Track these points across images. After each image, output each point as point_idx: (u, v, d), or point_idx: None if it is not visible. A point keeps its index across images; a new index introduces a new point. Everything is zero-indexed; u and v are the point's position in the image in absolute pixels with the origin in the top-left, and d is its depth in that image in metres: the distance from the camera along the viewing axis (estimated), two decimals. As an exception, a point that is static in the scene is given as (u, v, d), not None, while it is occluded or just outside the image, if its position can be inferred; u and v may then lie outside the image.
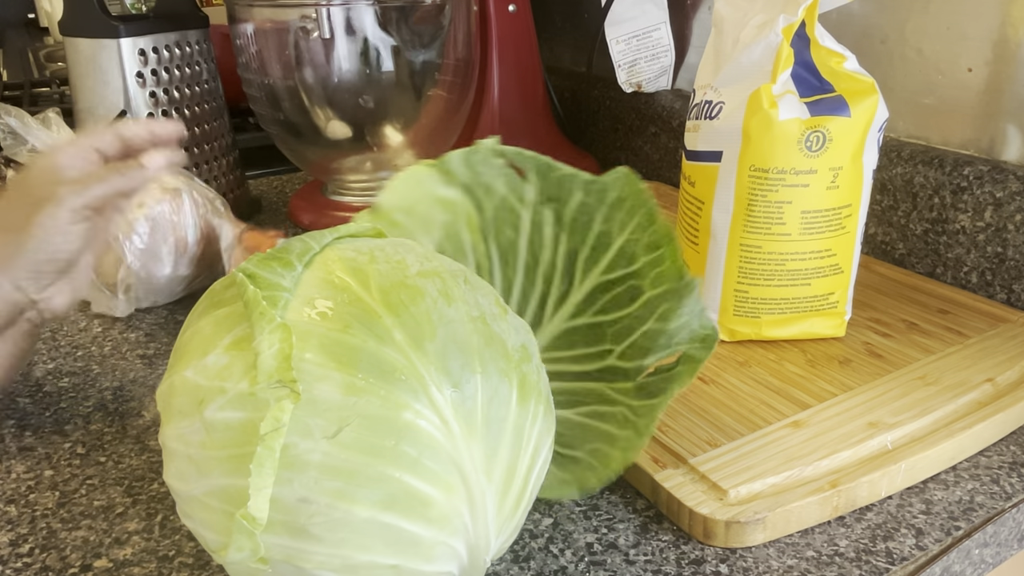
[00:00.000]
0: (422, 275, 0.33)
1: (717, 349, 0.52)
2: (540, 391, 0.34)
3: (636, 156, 0.91)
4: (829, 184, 0.48)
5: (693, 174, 0.52)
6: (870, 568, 0.37)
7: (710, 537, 0.38)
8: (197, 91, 0.76)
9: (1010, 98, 0.57)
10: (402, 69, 0.73)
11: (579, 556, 0.38)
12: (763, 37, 0.47)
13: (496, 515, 0.31)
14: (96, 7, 0.69)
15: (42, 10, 2.20)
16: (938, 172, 0.60)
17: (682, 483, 0.40)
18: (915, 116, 0.64)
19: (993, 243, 0.57)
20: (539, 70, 0.85)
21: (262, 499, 0.27)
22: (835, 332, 0.52)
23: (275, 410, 0.27)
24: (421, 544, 0.29)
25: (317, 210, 0.80)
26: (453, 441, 0.29)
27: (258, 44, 0.73)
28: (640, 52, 0.85)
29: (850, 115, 0.47)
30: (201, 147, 0.77)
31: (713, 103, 0.50)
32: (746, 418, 0.45)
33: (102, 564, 0.38)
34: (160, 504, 0.42)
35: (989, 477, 0.42)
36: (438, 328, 0.31)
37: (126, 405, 0.51)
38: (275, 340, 0.28)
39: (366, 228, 0.37)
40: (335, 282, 0.31)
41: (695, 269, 0.53)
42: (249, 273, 0.31)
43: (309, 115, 0.75)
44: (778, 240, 0.49)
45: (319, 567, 0.29)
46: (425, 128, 0.79)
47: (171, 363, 0.33)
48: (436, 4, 0.72)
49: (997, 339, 0.51)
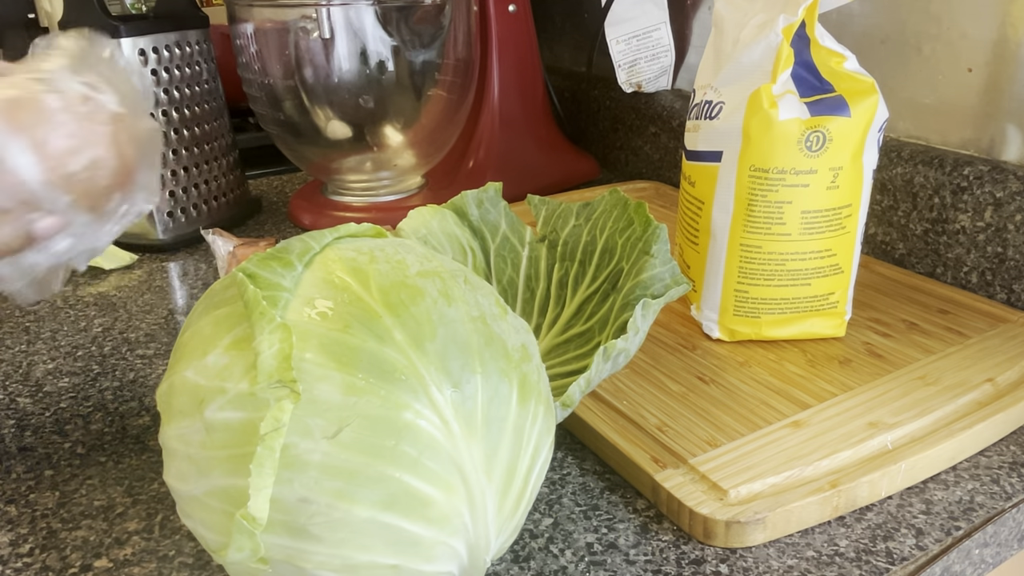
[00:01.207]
0: (422, 275, 0.33)
1: (717, 349, 0.52)
2: (540, 391, 0.34)
3: (636, 156, 0.91)
4: (829, 184, 0.48)
5: (693, 174, 0.52)
6: (870, 568, 0.37)
7: (710, 537, 0.38)
8: (197, 91, 0.76)
9: (1010, 98, 0.57)
10: (402, 69, 0.74)
11: (579, 556, 0.38)
12: (763, 37, 0.47)
13: (496, 515, 0.31)
14: (96, 7, 0.69)
15: (42, 10, 2.20)
16: (938, 172, 0.60)
17: (682, 483, 0.40)
18: (915, 116, 0.64)
19: (993, 243, 0.57)
20: (539, 70, 0.85)
21: (262, 499, 0.27)
22: (835, 332, 0.52)
23: (275, 410, 0.27)
24: (421, 544, 0.29)
25: (317, 210, 0.80)
26: (453, 441, 0.29)
27: (258, 44, 0.73)
28: (640, 52, 0.85)
29: (850, 115, 0.47)
30: (201, 147, 0.77)
31: (713, 103, 0.50)
32: (746, 418, 0.45)
33: (102, 564, 0.38)
34: (160, 504, 0.42)
35: (989, 477, 0.42)
36: (438, 328, 0.31)
37: (126, 405, 0.51)
38: (275, 340, 0.28)
39: (366, 228, 0.37)
40: (335, 282, 0.31)
41: (695, 269, 0.53)
42: (249, 273, 0.31)
43: (309, 115, 0.75)
44: (778, 240, 0.49)
45: (319, 567, 0.29)
46: (425, 128, 0.79)
47: (171, 363, 0.33)
48: (436, 4, 0.72)
49: (997, 339, 0.51)
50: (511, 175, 0.83)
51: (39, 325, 0.61)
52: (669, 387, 0.48)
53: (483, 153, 0.83)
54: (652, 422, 0.45)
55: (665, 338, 0.54)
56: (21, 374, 0.55)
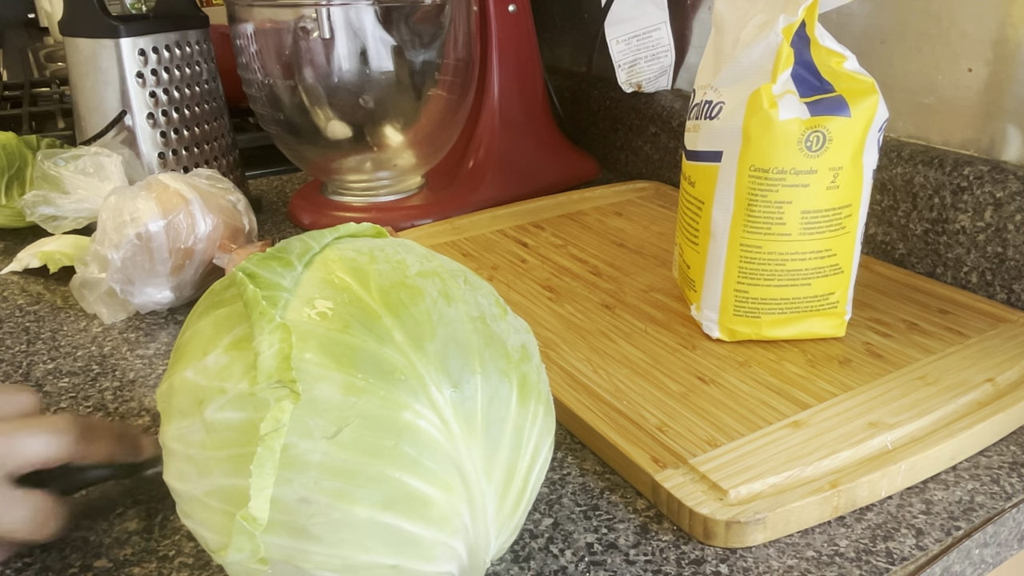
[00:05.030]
0: (422, 275, 0.33)
1: (717, 349, 0.52)
2: (540, 391, 0.33)
3: (636, 156, 0.91)
4: (829, 184, 0.48)
5: (693, 174, 0.52)
6: (870, 568, 0.37)
7: (710, 537, 0.38)
8: (197, 91, 0.76)
9: (1010, 98, 0.57)
10: (402, 69, 0.73)
11: (579, 556, 0.38)
12: (763, 37, 0.47)
13: (496, 515, 0.31)
14: (96, 7, 0.69)
15: (42, 10, 2.20)
16: (938, 172, 0.60)
17: (682, 483, 0.40)
18: (915, 116, 0.64)
19: (993, 243, 0.57)
20: (539, 70, 0.85)
21: (263, 499, 0.27)
22: (835, 332, 0.52)
23: (275, 410, 0.27)
24: (421, 544, 0.29)
25: (317, 210, 0.80)
26: (453, 441, 0.29)
27: (258, 44, 0.73)
28: (640, 52, 0.85)
29: (850, 115, 0.47)
30: (201, 147, 0.77)
31: (713, 103, 0.50)
32: (746, 418, 0.45)
33: (102, 564, 0.38)
34: (160, 504, 0.42)
35: (989, 477, 0.42)
36: (438, 328, 0.31)
37: (126, 405, 0.51)
38: (275, 340, 0.28)
39: (366, 228, 0.37)
40: (335, 282, 0.31)
41: (695, 269, 0.53)
42: (249, 273, 0.31)
43: (309, 115, 0.75)
44: (778, 240, 0.49)
45: (319, 567, 0.29)
46: (425, 128, 0.79)
47: (171, 363, 0.33)
48: (436, 4, 0.72)
49: (997, 339, 0.51)
50: (511, 175, 0.83)
51: (39, 325, 0.61)
52: (669, 387, 0.48)
53: (483, 153, 0.83)
54: (652, 422, 0.45)
55: (665, 338, 0.54)
56: (21, 374, 0.55)
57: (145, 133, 0.73)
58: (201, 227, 0.60)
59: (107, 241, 0.58)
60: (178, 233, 0.59)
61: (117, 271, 0.58)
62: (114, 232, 0.58)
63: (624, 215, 0.77)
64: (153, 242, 0.58)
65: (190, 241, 0.59)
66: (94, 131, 0.73)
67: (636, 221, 0.75)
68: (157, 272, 0.59)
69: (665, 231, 0.73)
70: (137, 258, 0.58)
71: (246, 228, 0.64)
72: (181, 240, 0.59)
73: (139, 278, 0.59)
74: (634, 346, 0.53)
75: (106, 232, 0.58)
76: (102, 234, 0.59)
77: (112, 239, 0.58)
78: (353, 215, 0.78)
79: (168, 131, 0.74)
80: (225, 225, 0.61)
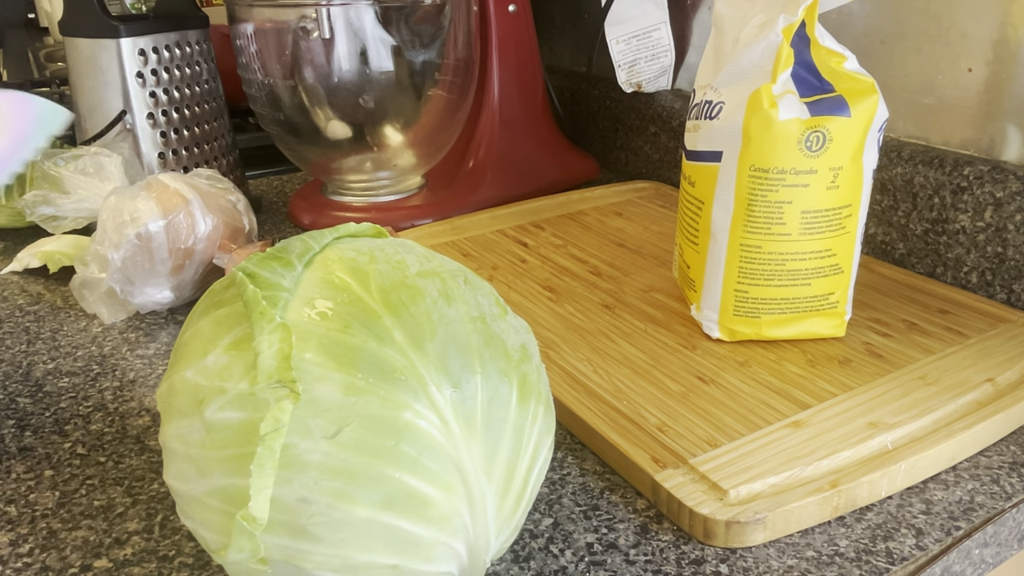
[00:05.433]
0: (422, 275, 0.33)
1: (717, 349, 0.52)
2: (540, 391, 0.33)
3: (636, 156, 0.91)
4: (829, 184, 0.48)
5: (693, 174, 0.52)
6: (870, 568, 0.37)
7: (710, 537, 0.38)
8: (197, 91, 0.76)
9: (1010, 98, 0.57)
10: (402, 69, 0.73)
11: (579, 556, 0.38)
12: (763, 37, 0.47)
13: (496, 515, 0.31)
14: (96, 7, 0.69)
15: (42, 10, 2.20)
16: (938, 172, 0.60)
17: (682, 483, 0.40)
18: (915, 116, 0.64)
19: (993, 243, 0.57)
20: (539, 70, 0.85)
21: (263, 499, 0.27)
22: (835, 332, 0.52)
23: (275, 410, 0.27)
24: (421, 544, 0.29)
25: (317, 210, 0.80)
26: (453, 441, 0.29)
27: (258, 44, 0.73)
28: (640, 52, 0.85)
29: (850, 115, 0.47)
30: (201, 147, 0.77)
31: (713, 103, 0.50)
32: (746, 418, 0.45)
33: (102, 564, 0.38)
34: (160, 504, 0.42)
35: (989, 477, 0.42)
36: (438, 328, 0.31)
37: (126, 405, 0.51)
38: (275, 340, 0.28)
39: (366, 228, 0.37)
40: (335, 282, 0.31)
41: (695, 269, 0.53)
42: (249, 273, 0.31)
43: (309, 115, 0.75)
44: (778, 240, 0.49)
45: (319, 567, 0.29)
46: (425, 128, 0.79)
47: (171, 363, 0.33)
48: (436, 4, 0.72)
49: (997, 339, 0.51)
50: (511, 175, 0.83)
51: (39, 325, 0.61)
52: (669, 387, 0.48)
53: (483, 153, 0.83)
54: (652, 422, 0.45)
55: (665, 338, 0.54)
56: (21, 374, 0.55)
57: (145, 133, 0.73)
58: (201, 227, 0.60)
59: (107, 241, 0.58)
60: (178, 233, 0.59)
61: (117, 271, 0.58)
62: (114, 232, 0.58)
63: (624, 215, 0.77)
64: (153, 242, 0.58)
65: (190, 241, 0.59)
66: (94, 131, 0.73)
67: (636, 221, 0.75)
68: (157, 272, 0.59)
69: (665, 231, 0.73)
70: (137, 258, 0.58)
71: (246, 228, 0.64)
72: (181, 240, 0.59)
73: (139, 278, 0.59)
74: (634, 346, 0.53)
75: (106, 232, 0.58)
76: (102, 234, 0.59)
77: (112, 239, 0.58)
78: (353, 215, 0.78)
79: (168, 131, 0.74)
80: (225, 225, 0.61)
